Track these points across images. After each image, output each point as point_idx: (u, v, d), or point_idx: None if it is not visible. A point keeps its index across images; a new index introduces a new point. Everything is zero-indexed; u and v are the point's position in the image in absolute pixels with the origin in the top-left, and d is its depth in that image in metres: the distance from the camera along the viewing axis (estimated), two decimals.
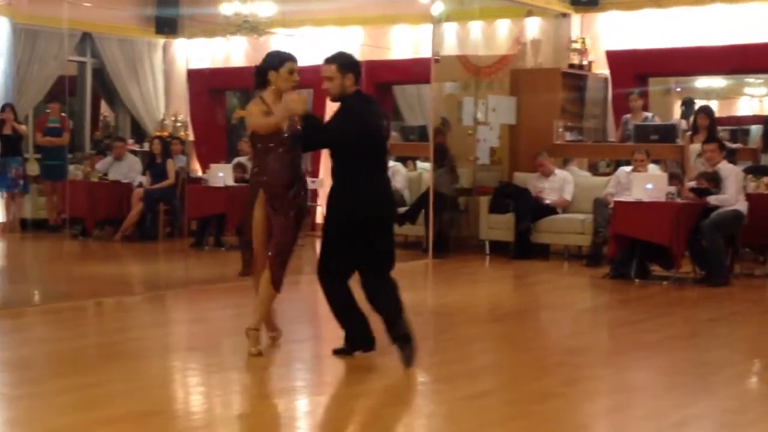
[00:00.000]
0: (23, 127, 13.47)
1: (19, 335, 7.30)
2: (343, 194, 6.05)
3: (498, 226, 12.04)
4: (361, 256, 6.04)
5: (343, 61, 6.12)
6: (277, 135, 6.26)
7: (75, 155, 14.85)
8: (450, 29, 13.46)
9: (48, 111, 13.87)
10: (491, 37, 13.58)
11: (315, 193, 14.24)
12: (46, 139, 13.51)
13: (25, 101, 14.43)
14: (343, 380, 5.99)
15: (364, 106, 6.13)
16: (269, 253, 6.23)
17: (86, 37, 15.35)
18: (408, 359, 5.92)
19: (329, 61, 6.15)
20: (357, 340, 6.22)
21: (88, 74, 15.71)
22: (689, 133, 11.58)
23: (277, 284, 6.25)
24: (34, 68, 14.49)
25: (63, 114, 13.77)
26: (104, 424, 4.83)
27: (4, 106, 13.13)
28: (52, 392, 5.43)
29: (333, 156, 6.20)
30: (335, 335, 6.34)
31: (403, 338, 5.95)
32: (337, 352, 6.23)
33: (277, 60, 6.40)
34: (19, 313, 7.99)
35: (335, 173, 6.15)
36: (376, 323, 6.17)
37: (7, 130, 13.08)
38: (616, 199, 10.48)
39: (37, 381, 5.72)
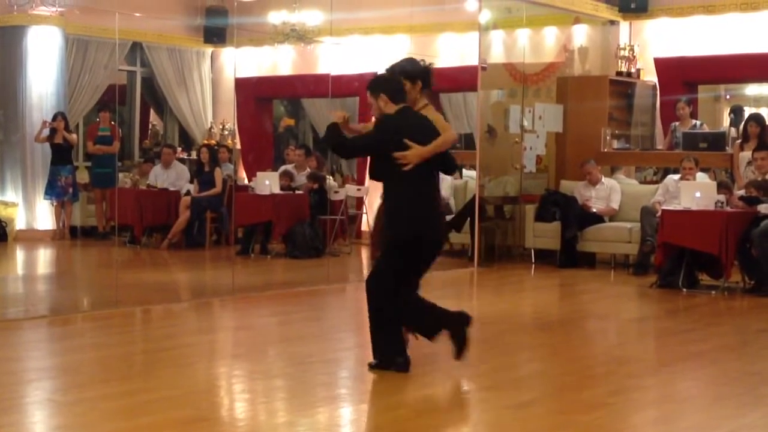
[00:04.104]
0: (74, 136, 13.64)
1: (68, 342, 7.39)
2: None
3: (544, 235, 11.98)
4: None
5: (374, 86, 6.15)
6: None
7: (124, 163, 15.02)
8: (497, 37, 13.43)
9: (98, 120, 14.04)
10: (538, 44, 13.54)
11: (360, 200, 14.28)
12: (96, 148, 13.68)
13: (76, 110, 14.62)
14: (388, 388, 5.98)
15: None
16: None
17: (136, 47, 15.53)
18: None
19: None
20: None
21: (137, 83, 15.90)
22: (739, 141, 11.45)
23: None
24: (85, 77, 14.70)
25: (113, 122, 13.93)
26: (150, 430, 4.88)
27: (56, 115, 13.31)
28: (100, 398, 5.49)
29: None
30: None
31: None
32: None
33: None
34: (69, 319, 8.09)
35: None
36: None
37: (58, 139, 13.24)
38: (665, 207, 10.38)
39: (86, 387, 5.78)
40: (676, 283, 9.85)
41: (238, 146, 15.89)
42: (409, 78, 6.18)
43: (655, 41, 13.22)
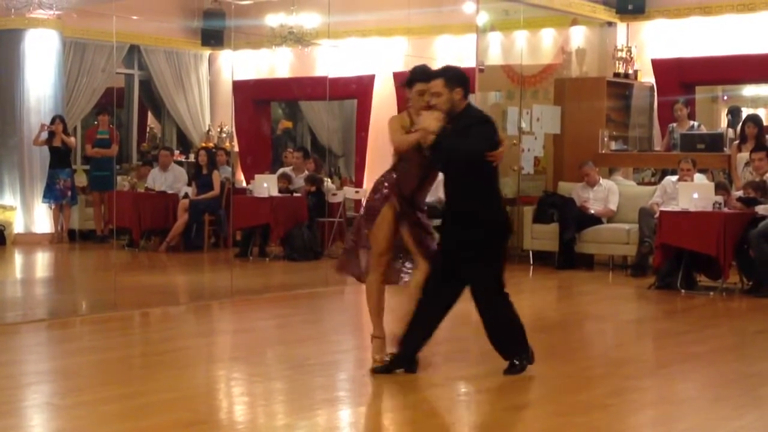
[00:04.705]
0: (72, 140, 13.65)
1: (66, 345, 7.40)
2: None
3: (542, 236, 11.98)
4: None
5: (451, 76, 6.09)
6: (416, 151, 6.12)
7: (122, 166, 15.03)
8: (494, 39, 13.45)
9: (97, 123, 14.05)
10: (536, 46, 13.55)
11: (358, 203, 14.27)
12: (95, 151, 13.68)
13: (74, 113, 14.64)
14: (387, 391, 5.99)
15: None
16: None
17: (134, 50, 15.55)
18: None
19: (435, 75, 6.11)
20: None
21: (135, 86, 15.91)
22: (736, 142, 11.46)
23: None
24: (82, 80, 14.71)
25: (112, 126, 13.94)
26: None
27: (54, 118, 13.31)
28: (99, 401, 5.48)
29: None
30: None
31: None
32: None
33: (409, 79, 6.25)
34: (67, 323, 8.09)
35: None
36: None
37: (56, 143, 13.25)
38: (662, 208, 10.39)
39: (84, 390, 5.78)
40: (675, 285, 9.85)
41: (236, 149, 15.90)
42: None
43: (653, 42, 13.23)
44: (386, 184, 6.21)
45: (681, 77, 12.99)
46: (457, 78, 6.06)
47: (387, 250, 6.16)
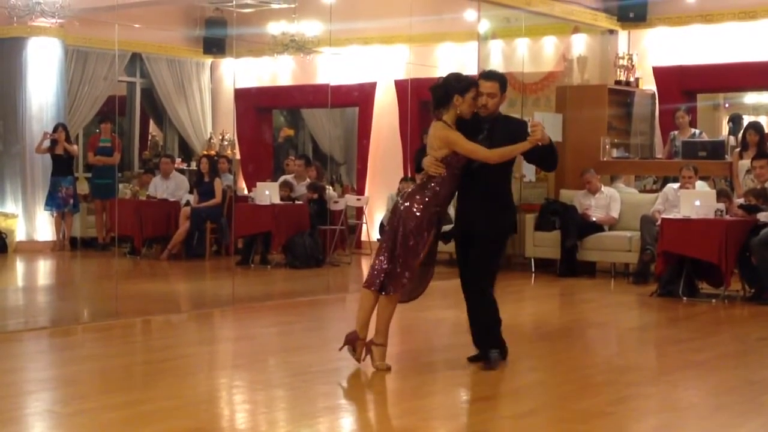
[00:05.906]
0: (74, 147, 13.65)
1: (68, 353, 7.39)
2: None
3: (544, 244, 11.99)
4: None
5: (503, 80, 6.41)
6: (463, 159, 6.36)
7: (124, 174, 15.03)
8: (496, 46, 13.46)
9: (99, 131, 14.06)
10: (537, 54, 13.56)
11: (360, 210, 14.28)
12: (97, 159, 13.68)
13: (76, 121, 14.63)
14: (387, 398, 5.99)
15: None
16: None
17: (136, 58, 15.55)
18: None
19: (490, 77, 6.38)
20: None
21: (137, 94, 15.91)
22: (738, 149, 11.47)
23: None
24: (84, 89, 14.71)
25: (113, 133, 13.95)
26: None
27: (57, 127, 13.32)
28: (101, 409, 5.48)
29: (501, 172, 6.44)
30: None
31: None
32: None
33: (464, 85, 6.33)
34: (69, 330, 8.09)
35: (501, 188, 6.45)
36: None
37: (59, 150, 13.25)
38: (664, 216, 10.40)
39: (86, 398, 5.77)
40: (676, 292, 9.85)
41: (238, 157, 15.91)
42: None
43: (654, 50, 13.26)
44: (427, 198, 6.33)
45: (682, 85, 13.01)
46: (505, 84, 6.43)
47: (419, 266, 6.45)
